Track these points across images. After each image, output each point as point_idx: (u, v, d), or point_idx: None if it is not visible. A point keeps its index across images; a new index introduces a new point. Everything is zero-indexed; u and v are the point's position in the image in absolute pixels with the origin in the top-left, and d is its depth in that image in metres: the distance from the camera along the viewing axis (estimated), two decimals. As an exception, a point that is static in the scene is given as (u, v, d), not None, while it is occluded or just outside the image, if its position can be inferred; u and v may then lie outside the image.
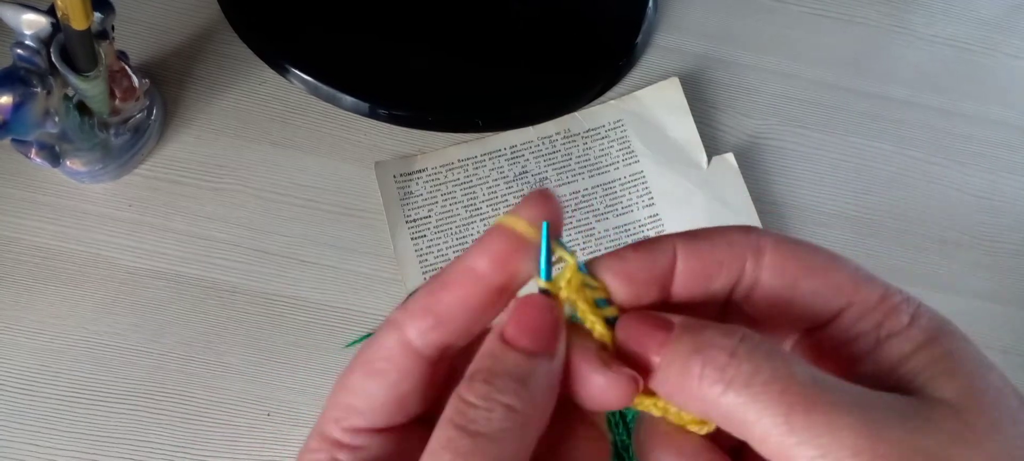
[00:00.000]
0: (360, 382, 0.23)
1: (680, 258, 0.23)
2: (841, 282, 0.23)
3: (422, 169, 0.55)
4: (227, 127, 0.55)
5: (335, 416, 0.23)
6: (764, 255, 0.23)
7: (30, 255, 0.49)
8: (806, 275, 0.23)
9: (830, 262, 0.23)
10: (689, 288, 0.23)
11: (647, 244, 0.23)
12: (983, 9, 0.67)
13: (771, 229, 0.24)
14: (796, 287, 0.23)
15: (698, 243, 0.23)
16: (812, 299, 0.23)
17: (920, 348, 0.22)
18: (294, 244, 0.52)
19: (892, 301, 0.22)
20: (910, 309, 0.22)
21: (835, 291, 0.23)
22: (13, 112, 0.42)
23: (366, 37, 0.58)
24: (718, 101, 0.60)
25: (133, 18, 0.56)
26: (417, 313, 0.22)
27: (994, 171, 0.61)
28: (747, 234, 0.23)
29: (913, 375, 0.21)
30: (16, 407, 0.46)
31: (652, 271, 0.23)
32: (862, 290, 0.23)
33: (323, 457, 0.23)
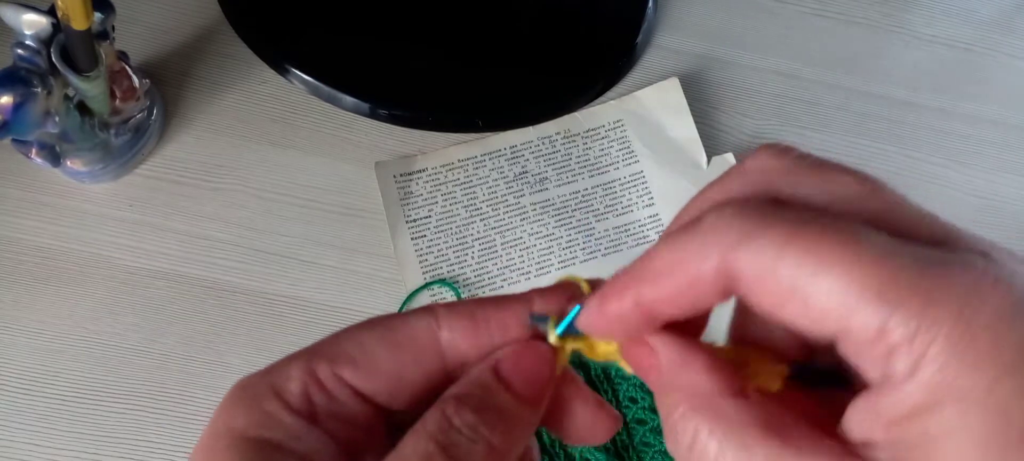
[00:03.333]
0: (372, 343, 0.22)
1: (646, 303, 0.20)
2: (829, 307, 0.18)
3: (422, 169, 0.55)
4: (227, 127, 0.55)
5: (330, 356, 0.22)
6: (739, 281, 0.19)
7: (30, 255, 0.50)
8: (787, 302, 0.18)
9: (823, 277, 0.18)
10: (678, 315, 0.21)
11: (608, 298, 0.21)
12: (983, 9, 0.67)
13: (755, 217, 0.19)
14: (778, 313, 0.19)
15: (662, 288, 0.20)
16: (798, 327, 0.19)
17: (915, 414, 0.17)
18: (294, 244, 0.52)
19: (890, 338, 0.17)
20: (914, 352, 0.17)
21: (821, 321, 0.18)
22: (13, 112, 0.42)
23: (366, 37, 0.58)
24: (718, 101, 0.60)
25: (133, 18, 0.56)
26: (459, 315, 0.22)
27: (994, 171, 0.61)
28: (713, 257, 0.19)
29: (900, 447, 0.18)
30: (17, 407, 0.46)
31: (620, 326, 0.21)
32: (858, 316, 0.17)
33: (298, 388, 0.21)
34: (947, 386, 0.17)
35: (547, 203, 0.55)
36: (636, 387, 0.48)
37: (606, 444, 0.47)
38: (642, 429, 0.47)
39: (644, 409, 0.47)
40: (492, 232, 0.54)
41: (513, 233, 0.54)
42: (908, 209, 0.19)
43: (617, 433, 0.47)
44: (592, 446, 0.47)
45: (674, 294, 0.20)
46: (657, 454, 0.47)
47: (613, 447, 0.47)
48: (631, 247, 0.54)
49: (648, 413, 0.47)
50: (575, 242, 0.54)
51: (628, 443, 0.47)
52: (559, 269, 0.53)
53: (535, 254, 0.53)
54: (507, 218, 0.54)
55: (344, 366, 0.22)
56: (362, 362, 0.22)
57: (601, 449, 0.47)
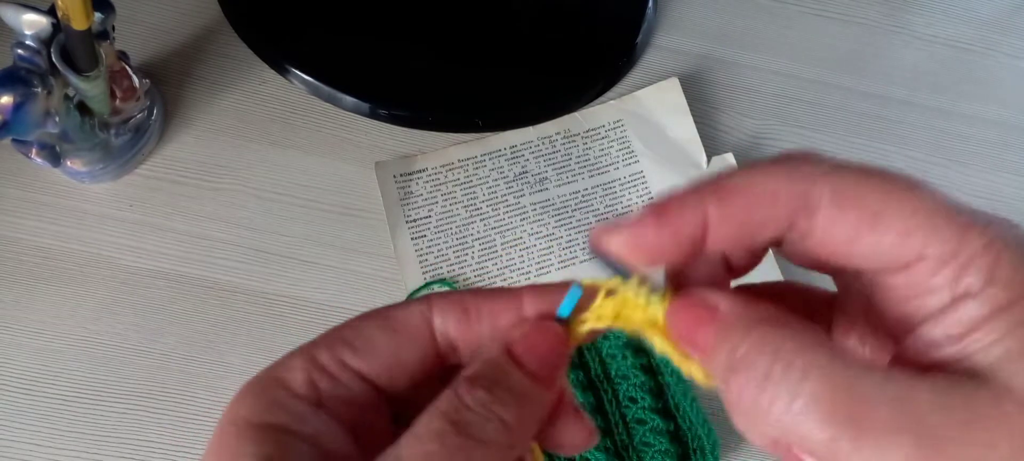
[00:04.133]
0: (370, 329, 0.23)
1: (712, 222, 0.21)
2: (910, 230, 0.19)
3: (422, 169, 0.55)
4: (228, 127, 0.55)
5: (328, 345, 0.23)
6: (817, 207, 0.20)
7: (31, 255, 0.50)
8: (868, 227, 0.20)
9: (901, 203, 0.19)
10: (725, 246, 0.21)
11: (671, 209, 0.21)
12: (982, 9, 0.67)
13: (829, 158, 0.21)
14: (857, 240, 0.20)
15: (732, 199, 0.20)
16: (876, 251, 0.20)
17: (995, 314, 0.19)
18: (295, 244, 0.52)
19: (970, 249, 0.19)
20: (991, 258, 0.19)
21: (903, 242, 0.19)
22: (14, 112, 0.42)
23: (366, 38, 0.58)
24: (718, 101, 0.60)
25: (134, 18, 0.56)
26: (451, 304, 0.23)
27: (993, 171, 0.61)
28: (797, 180, 0.20)
29: (985, 350, 0.19)
30: (17, 407, 0.46)
31: (677, 242, 0.21)
32: (936, 238, 0.19)
33: (299, 375, 0.22)
34: (1021, 282, 0.19)
35: (547, 203, 0.55)
36: (636, 387, 0.48)
37: (606, 443, 0.47)
38: (642, 429, 0.47)
39: (644, 409, 0.47)
40: (492, 232, 0.54)
41: (513, 233, 0.54)
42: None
43: (617, 433, 0.47)
44: (570, 454, 0.47)
45: (748, 211, 0.20)
46: (657, 454, 0.47)
47: (613, 447, 0.47)
48: (631, 247, 0.54)
49: (648, 413, 0.47)
50: (575, 242, 0.54)
51: (628, 443, 0.47)
52: (559, 269, 0.53)
53: (535, 254, 0.53)
54: (507, 218, 0.54)
55: (344, 350, 0.22)
56: (361, 346, 0.22)
57: (601, 449, 0.47)
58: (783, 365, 0.19)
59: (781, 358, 0.19)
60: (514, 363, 0.22)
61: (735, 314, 0.20)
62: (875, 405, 0.18)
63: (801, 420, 0.18)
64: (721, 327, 0.20)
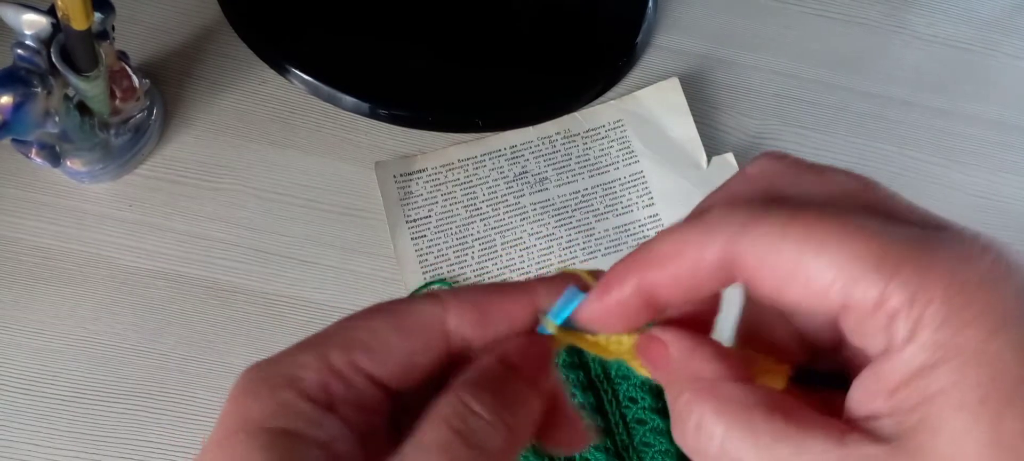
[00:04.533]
0: (383, 329, 0.22)
1: (656, 291, 0.21)
2: (832, 281, 0.18)
3: (422, 169, 0.55)
4: (227, 127, 0.55)
5: (343, 345, 0.22)
6: (738, 270, 0.20)
7: (30, 255, 0.49)
8: (787, 284, 0.19)
9: (822, 253, 0.19)
10: (678, 301, 0.22)
11: (611, 284, 0.22)
12: (983, 9, 0.67)
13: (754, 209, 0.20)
14: (781, 294, 0.19)
15: (661, 273, 0.21)
16: (803, 304, 0.19)
17: (916, 377, 0.18)
18: (294, 244, 0.52)
19: (892, 302, 0.18)
20: (913, 315, 0.18)
21: (823, 295, 0.19)
22: (13, 112, 0.42)
23: (366, 37, 0.58)
24: (718, 101, 0.60)
25: (133, 18, 0.56)
26: (465, 302, 0.23)
27: (994, 171, 0.61)
28: (715, 243, 0.20)
29: (905, 413, 0.18)
30: (16, 407, 0.46)
31: (626, 313, 0.22)
32: (858, 287, 0.18)
33: (314, 376, 0.21)
34: (945, 344, 0.17)
35: (547, 203, 0.55)
36: (636, 387, 0.48)
37: (606, 443, 0.47)
38: (642, 429, 0.47)
39: (644, 409, 0.47)
40: (492, 232, 0.54)
41: (513, 233, 0.54)
42: (900, 202, 0.20)
43: (617, 433, 0.47)
44: (568, 453, 0.47)
45: (676, 278, 0.21)
46: (657, 454, 0.47)
47: (613, 447, 0.47)
48: (631, 247, 0.54)
49: (648, 413, 0.47)
50: (575, 242, 0.54)
51: (628, 443, 0.47)
52: (559, 269, 0.53)
53: (535, 254, 0.53)
54: (507, 218, 0.54)
55: (358, 354, 0.22)
56: (376, 349, 0.22)
57: (601, 449, 0.47)
58: (709, 416, 0.20)
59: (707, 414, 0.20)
60: (510, 371, 0.22)
61: (680, 355, 0.22)
62: None
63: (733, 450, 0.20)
64: (667, 373, 0.22)
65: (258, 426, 0.21)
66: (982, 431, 0.17)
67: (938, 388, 0.18)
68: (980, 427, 0.17)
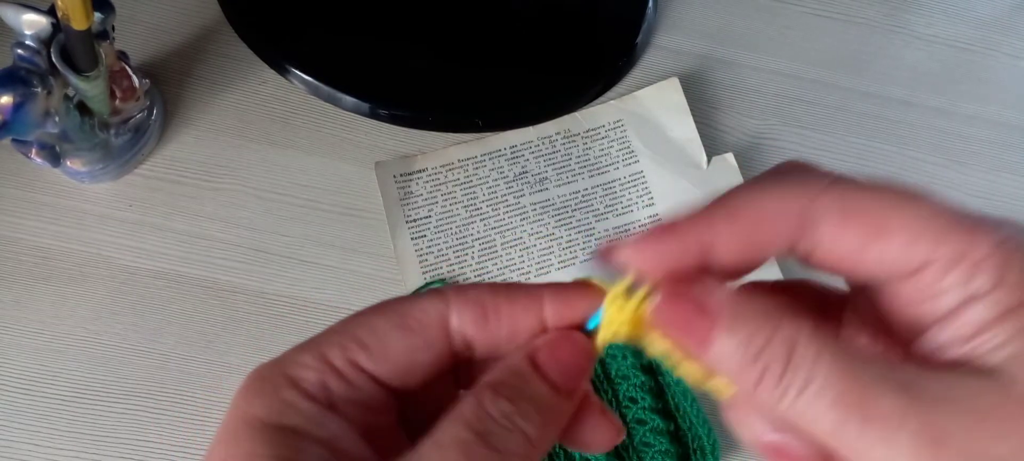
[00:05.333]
0: (384, 327, 0.22)
1: (719, 241, 0.21)
2: (917, 237, 0.19)
3: (422, 169, 0.55)
4: (227, 127, 0.55)
5: (341, 343, 0.22)
6: (821, 222, 0.20)
7: (30, 255, 0.50)
8: (874, 237, 0.20)
9: (904, 211, 0.20)
10: (731, 267, 0.21)
11: (680, 225, 0.21)
12: (982, 9, 0.67)
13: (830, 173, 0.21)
14: (863, 251, 0.20)
15: (737, 219, 0.21)
16: (883, 259, 0.20)
17: (1005, 315, 0.19)
18: (294, 244, 0.52)
19: (978, 252, 0.19)
20: (999, 261, 0.19)
21: (909, 249, 0.20)
22: (13, 112, 0.42)
23: (366, 37, 0.58)
24: (718, 101, 0.60)
25: (133, 18, 0.56)
26: (469, 301, 0.22)
27: (993, 171, 0.61)
28: (799, 197, 0.20)
29: (991, 348, 0.19)
30: (16, 407, 0.46)
31: (683, 258, 0.21)
32: (943, 244, 0.19)
33: (313, 375, 0.21)
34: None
35: (547, 203, 0.55)
36: (636, 387, 0.48)
37: (606, 444, 0.47)
38: (642, 429, 0.47)
39: (644, 409, 0.47)
40: (492, 232, 0.54)
41: (513, 233, 0.54)
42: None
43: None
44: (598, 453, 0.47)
45: (749, 232, 0.20)
46: (657, 454, 0.47)
47: (614, 447, 0.47)
48: (631, 247, 0.54)
49: (648, 413, 0.47)
50: (575, 242, 0.54)
51: (628, 443, 0.47)
52: (559, 269, 0.53)
53: (535, 254, 0.53)
54: (507, 218, 0.54)
55: (358, 352, 0.22)
56: (375, 347, 0.22)
57: (601, 449, 0.47)
58: (799, 354, 0.19)
59: (798, 348, 0.19)
60: (537, 373, 0.22)
61: (735, 307, 0.20)
62: (882, 394, 0.18)
63: (812, 404, 0.19)
64: (728, 319, 0.20)
65: (260, 422, 0.21)
66: None
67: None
68: None
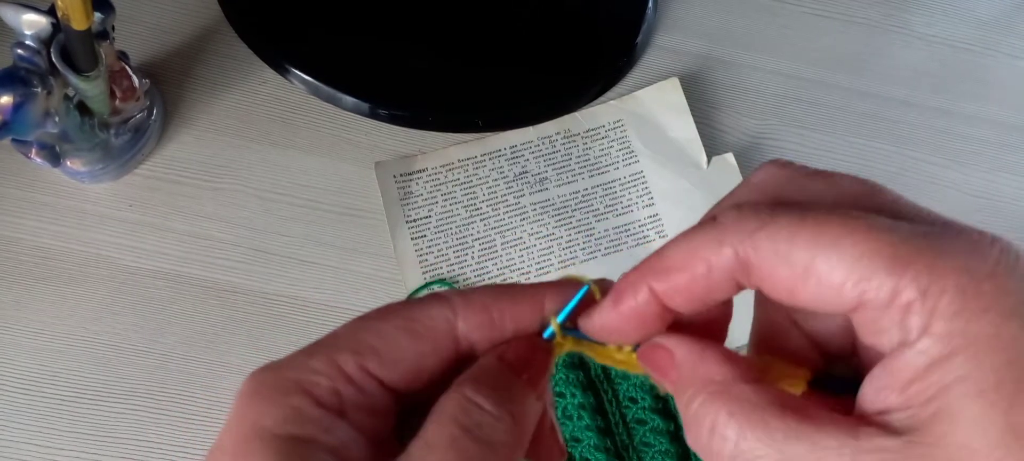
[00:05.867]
0: (394, 333, 0.22)
1: (658, 292, 0.22)
2: (845, 278, 0.19)
3: (422, 169, 0.55)
4: (227, 127, 0.55)
5: (354, 349, 0.22)
6: (752, 270, 0.20)
7: (30, 255, 0.50)
8: (802, 281, 0.19)
9: (833, 251, 0.19)
10: (687, 308, 0.22)
11: (623, 293, 0.22)
12: (982, 9, 0.67)
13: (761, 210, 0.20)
14: (796, 293, 0.20)
15: (672, 280, 0.21)
16: (817, 301, 0.20)
17: (931, 369, 0.18)
18: (294, 244, 0.52)
19: (905, 297, 0.18)
20: (927, 308, 0.18)
21: (839, 291, 0.19)
22: (13, 112, 0.42)
23: (366, 38, 0.58)
24: (718, 101, 0.60)
25: (133, 18, 0.56)
26: (475, 306, 0.23)
27: (993, 171, 0.61)
28: (724, 247, 0.20)
29: (921, 406, 0.18)
30: (17, 407, 0.46)
31: (630, 319, 0.22)
32: (872, 284, 0.18)
33: (326, 382, 0.21)
34: (959, 333, 0.18)
35: (547, 203, 0.55)
36: (636, 387, 0.48)
37: (606, 444, 0.47)
38: (642, 429, 0.47)
39: (644, 409, 0.47)
40: (492, 232, 0.54)
41: (513, 233, 0.54)
42: (906, 203, 0.21)
43: (617, 433, 0.47)
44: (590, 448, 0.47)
45: (689, 284, 0.21)
46: (657, 454, 0.47)
47: (613, 447, 0.47)
48: (631, 247, 0.54)
49: (648, 413, 0.47)
50: (575, 242, 0.54)
51: (628, 443, 0.47)
52: (559, 269, 0.53)
53: (535, 254, 0.53)
54: (507, 218, 0.54)
55: (369, 358, 0.22)
56: (386, 354, 0.22)
57: (601, 449, 0.47)
58: (723, 418, 0.20)
59: (720, 416, 0.20)
60: (509, 367, 0.22)
61: (687, 361, 0.22)
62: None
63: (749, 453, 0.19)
64: (675, 381, 0.22)
65: (271, 433, 0.20)
66: (998, 415, 0.17)
67: (954, 377, 0.18)
68: (996, 411, 0.17)
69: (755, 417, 0.20)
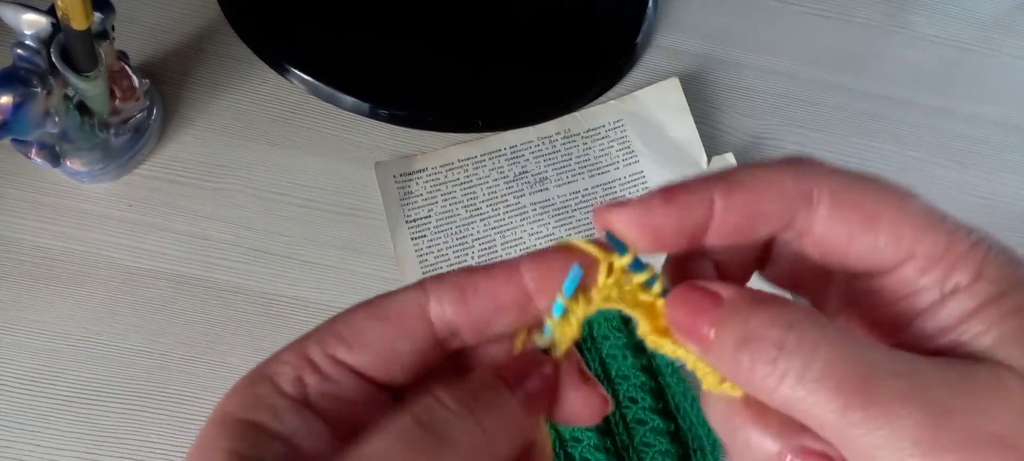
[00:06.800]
0: (361, 320, 0.22)
1: (718, 209, 0.21)
2: (903, 231, 0.21)
3: (422, 169, 0.55)
4: (227, 127, 0.55)
5: (320, 339, 0.22)
6: (818, 206, 0.21)
7: (30, 255, 0.50)
8: (864, 226, 0.21)
9: (894, 207, 0.21)
10: (727, 237, 0.22)
11: (679, 193, 0.21)
12: (983, 9, 0.67)
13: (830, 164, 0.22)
14: (852, 239, 0.21)
15: (741, 193, 0.21)
16: (870, 250, 0.21)
17: (987, 305, 0.20)
18: (294, 244, 0.52)
19: (958, 249, 0.20)
20: (978, 257, 0.20)
21: (895, 242, 0.21)
22: (13, 112, 0.42)
23: (366, 37, 0.58)
24: (718, 101, 0.60)
25: (133, 18, 0.56)
26: (447, 286, 0.22)
27: (993, 171, 0.61)
28: (800, 178, 0.21)
29: (979, 337, 0.20)
30: (17, 407, 0.46)
31: (682, 225, 0.21)
32: (926, 239, 0.21)
33: (289, 371, 0.22)
34: (1007, 277, 0.20)
35: (547, 203, 0.55)
36: (636, 387, 0.48)
37: (606, 444, 0.47)
38: (642, 429, 0.47)
39: (644, 409, 0.47)
40: (492, 232, 0.54)
41: (513, 233, 0.54)
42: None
43: (617, 433, 0.47)
44: (584, 425, 0.47)
45: (752, 202, 0.21)
46: (657, 454, 0.47)
47: (613, 447, 0.47)
48: (631, 247, 0.54)
49: (648, 413, 0.47)
50: (575, 242, 0.54)
51: (628, 443, 0.47)
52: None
53: (535, 254, 0.53)
54: (507, 218, 0.54)
55: (336, 345, 0.22)
56: (352, 339, 0.22)
57: (601, 449, 0.47)
58: (797, 335, 0.19)
59: (794, 329, 0.19)
60: (505, 385, 0.21)
61: (741, 296, 0.21)
62: (884, 377, 0.18)
63: (813, 391, 0.19)
64: (730, 306, 0.21)
65: (231, 417, 0.21)
66: None
67: (1013, 306, 0.20)
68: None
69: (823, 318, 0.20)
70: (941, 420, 0.18)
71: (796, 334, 0.19)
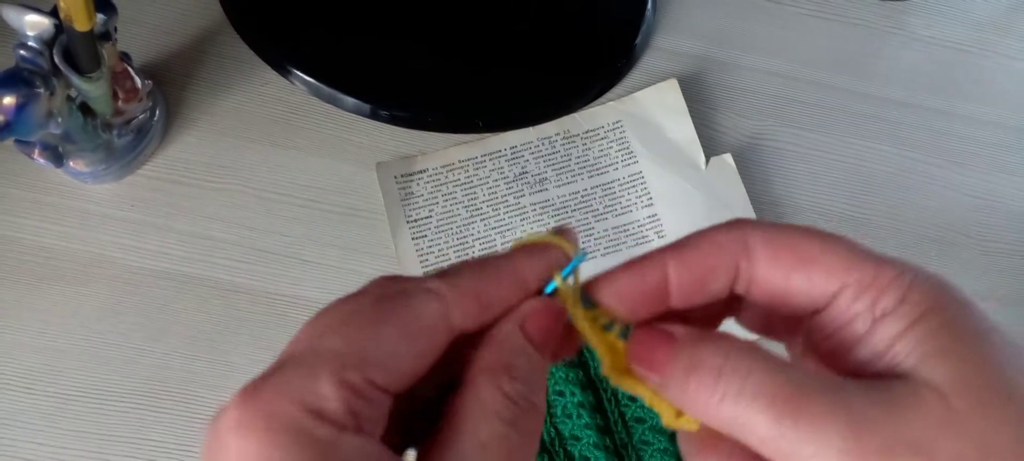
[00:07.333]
0: (393, 339, 0.22)
1: (671, 271, 0.24)
2: (834, 266, 0.23)
3: (423, 170, 0.55)
4: (229, 128, 0.55)
5: (354, 363, 0.21)
6: (754, 253, 0.24)
7: (33, 255, 0.50)
8: (797, 266, 0.23)
9: (822, 246, 0.23)
10: (687, 296, 0.24)
11: (636, 264, 0.25)
12: (980, 11, 0.67)
13: (763, 220, 0.24)
14: (789, 278, 0.23)
15: (686, 253, 0.24)
16: (806, 287, 0.23)
17: (911, 326, 0.22)
18: (296, 244, 0.52)
19: (886, 276, 0.22)
20: (903, 284, 0.22)
21: (828, 276, 0.23)
22: (16, 113, 0.43)
23: (367, 38, 0.59)
24: (716, 102, 0.60)
25: (136, 19, 0.56)
26: (467, 297, 0.24)
27: (991, 171, 0.61)
28: (734, 234, 0.24)
29: (903, 356, 0.22)
30: (20, 406, 0.46)
31: (643, 289, 0.24)
32: (855, 270, 0.23)
33: (337, 404, 0.20)
34: (931, 299, 0.22)
35: (547, 203, 0.55)
36: (635, 386, 0.48)
37: (605, 442, 0.47)
38: (641, 427, 0.47)
39: (643, 407, 0.48)
40: (492, 232, 0.54)
41: (513, 233, 0.54)
42: None
43: (616, 431, 0.48)
44: (586, 430, 0.47)
45: (699, 260, 0.24)
46: (656, 452, 0.47)
47: (613, 446, 0.47)
48: (630, 247, 0.54)
49: (647, 411, 0.48)
50: (575, 242, 0.54)
51: (627, 442, 0.47)
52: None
53: (535, 254, 0.53)
54: (507, 218, 0.54)
55: (374, 371, 0.21)
56: (390, 361, 0.22)
57: (600, 447, 0.47)
58: (734, 362, 0.22)
59: (731, 356, 0.22)
60: (531, 343, 0.24)
61: (690, 334, 0.23)
62: (810, 394, 0.21)
63: (747, 408, 0.21)
64: (681, 341, 0.23)
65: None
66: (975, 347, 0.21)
67: (934, 326, 0.21)
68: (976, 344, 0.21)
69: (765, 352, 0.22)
70: (863, 429, 0.20)
71: (733, 361, 0.22)
